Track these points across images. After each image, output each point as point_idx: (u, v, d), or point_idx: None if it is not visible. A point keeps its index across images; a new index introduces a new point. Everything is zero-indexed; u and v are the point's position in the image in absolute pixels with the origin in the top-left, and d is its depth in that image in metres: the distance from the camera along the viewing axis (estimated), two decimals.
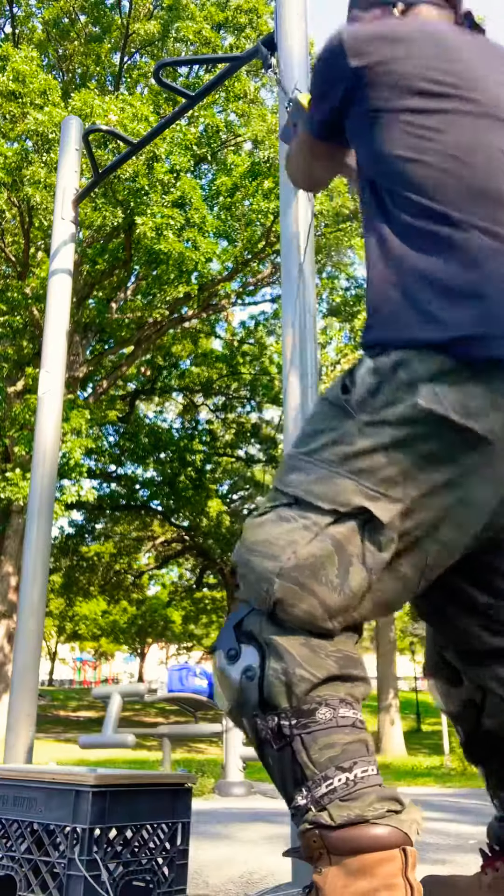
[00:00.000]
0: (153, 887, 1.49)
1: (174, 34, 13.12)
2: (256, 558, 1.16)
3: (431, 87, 1.25)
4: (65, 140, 2.97)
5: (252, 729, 1.13)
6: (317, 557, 1.12)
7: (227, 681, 1.16)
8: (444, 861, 2.38)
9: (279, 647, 1.12)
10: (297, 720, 1.09)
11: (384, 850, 1.05)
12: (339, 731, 1.09)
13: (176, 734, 5.79)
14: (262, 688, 1.11)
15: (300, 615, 1.13)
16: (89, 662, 44.70)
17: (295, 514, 1.16)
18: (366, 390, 1.15)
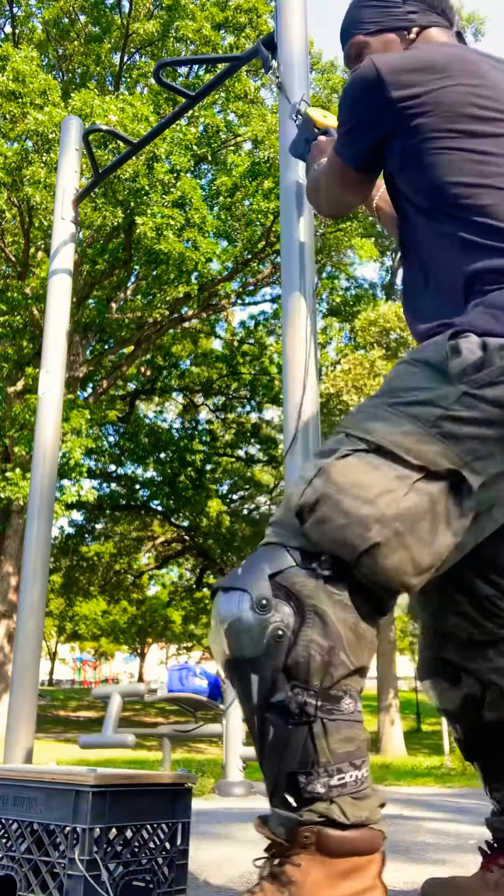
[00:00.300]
0: (153, 887, 1.49)
1: (174, 33, 13.11)
2: (350, 500, 1.10)
3: (480, 112, 1.30)
4: (65, 140, 2.97)
5: (263, 688, 1.06)
6: (414, 511, 1.11)
7: (246, 631, 1.08)
8: (444, 861, 2.38)
9: (331, 624, 1.07)
10: (322, 703, 1.05)
11: (373, 854, 1.06)
12: (357, 727, 1.08)
13: (176, 734, 5.79)
14: (291, 654, 1.05)
15: (390, 567, 1.10)
16: (89, 662, 44.69)
17: (383, 462, 1.13)
18: (471, 363, 1.16)
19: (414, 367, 1.22)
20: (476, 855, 1.56)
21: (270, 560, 1.12)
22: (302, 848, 1.04)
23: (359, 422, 1.20)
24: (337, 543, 1.09)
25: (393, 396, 1.20)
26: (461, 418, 1.14)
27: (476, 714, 1.48)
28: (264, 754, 1.08)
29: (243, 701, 1.10)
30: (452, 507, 1.13)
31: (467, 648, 1.48)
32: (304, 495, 1.12)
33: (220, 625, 1.12)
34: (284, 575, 1.10)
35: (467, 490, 1.14)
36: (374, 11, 1.53)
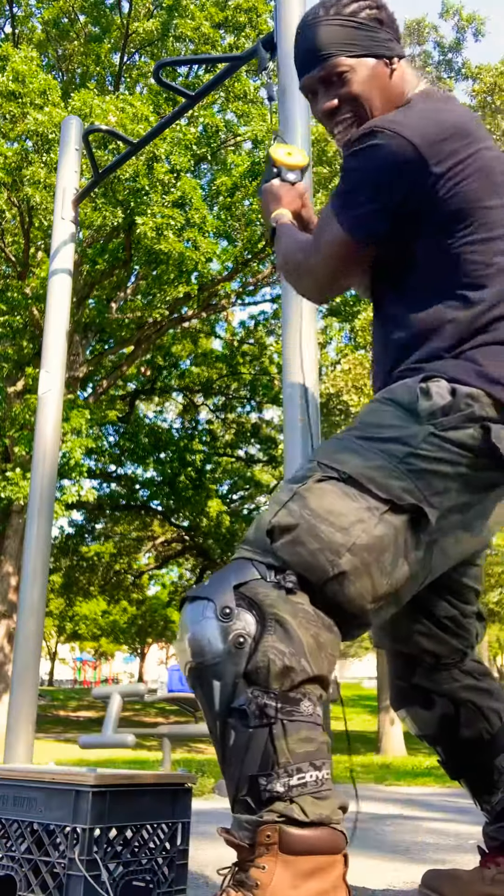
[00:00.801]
0: (153, 887, 1.49)
1: (174, 32, 13.10)
2: (325, 526, 1.14)
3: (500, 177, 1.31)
4: (65, 140, 2.97)
5: (225, 693, 1.09)
6: (381, 542, 1.16)
7: (209, 638, 1.11)
8: (444, 861, 2.38)
9: (291, 631, 1.10)
10: (282, 705, 1.07)
11: (335, 854, 1.08)
12: (316, 729, 1.11)
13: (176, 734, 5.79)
14: (252, 660, 1.08)
15: (352, 593, 1.14)
16: (89, 662, 44.68)
17: (355, 492, 1.17)
18: (440, 407, 1.23)
19: (386, 405, 1.28)
20: (476, 854, 1.59)
21: (236, 572, 1.16)
22: (265, 849, 1.06)
23: (331, 453, 1.24)
24: (307, 566, 1.13)
25: (365, 431, 1.25)
26: (426, 457, 1.20)
27: (453, 733, 1.55)
28: (226, 760, 1.10)
29: (206, 708, 1.13)
30: (411, 539, 1.19)
31: (436, 672, 1.55)
32: (278, 516, 1.16)
33: (184, 632, 1.16)
34: (248, 586, 1.13)
35: (425, 524, 1.20)
36: (353, 32, 1.38)
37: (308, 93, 1.46)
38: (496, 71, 13.33)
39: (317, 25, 1.39)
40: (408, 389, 1.27)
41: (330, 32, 1.37)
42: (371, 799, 5.16)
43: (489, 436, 1.23)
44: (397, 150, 1.25)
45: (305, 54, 1.41)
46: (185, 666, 1.15)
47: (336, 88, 1.39)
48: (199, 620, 1.13)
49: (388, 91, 1.39)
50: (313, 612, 1.13)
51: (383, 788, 6.45)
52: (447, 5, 14.64)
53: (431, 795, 5.71)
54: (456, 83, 14.64)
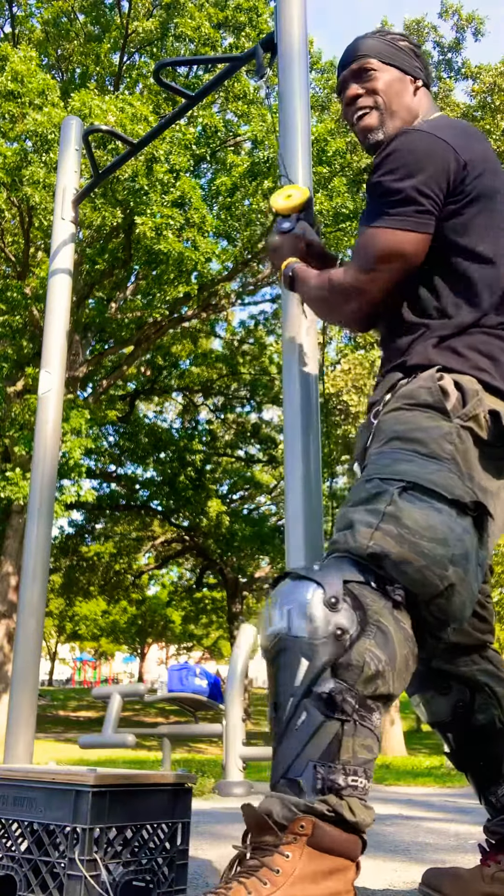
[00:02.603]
0: (153, 887, 1.49)
1: (173, 31, 13.09)
2: (427, 542, 1.15)
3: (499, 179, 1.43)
4: (64, 140, 2.97)
5: (310, 675, 1.10)
6: (469, 547, 1.19)
7: (313, 618, 1.12)
8: (444, 861, 2.38)
9: (391, 643, 1.12)
10: (359, 707, 1.09)
11: (353, 861, 1.10)
12: (376, 742, 1.13)
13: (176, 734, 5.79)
14: (346, 655, 1.09)
15: (458, 604, 1.17)
16: (89, 662, 44.68)
17: (431, 501, 1.19)
18: (457, 400, 1.28)
19: (412, 410, 1.30)
20: (476, 854, 1.59)
21: (346, 569, 1.17)
22: (294, 838, 1.06)
23: (385, 466, 1.25)
24: (416, 584, 1.15)
25: (405, 442, 1.27)
26: (462, 451, 1.25)
27: (466, 720, 1.56)
28: (286, 736, 1.11)
29: (280, 682, 1.13)
30: (478, 539, 1.23)
31: (454, 654, 1.56)
32: (375, 539, 1.16)
33: (283, 605, 1.16)
34: (357, 586, 1.15)
35: (486, 522, 1.23)
36: (391, 50, 1.58)
37: (340, 89, 1.62)
38: (496, 71, 13.33)
39: (362, 39, 1.61)
40: (428, 391, 1.30)
41: (371, 43, 1.59)
42: (371, 799, 5.16)
43: (500, 421, 1.27)
44: (432, 143, 1.37)
45: (347, 54, 1.61)
46: (275, 636, 1.15)
47: (363, 81, 1.57)
48: (306, 599, 1.14)
49: (406, 102, 1.56)
50: (411, 633, 1.15)
51: (383, 788, 6.45)
52: (446, 5, 14.64)
53: (431, 795, 5.71)
54: (455, 83, 14.63)
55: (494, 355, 1.35)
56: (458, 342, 1.35)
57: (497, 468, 1.30)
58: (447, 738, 1.60)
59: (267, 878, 1.04)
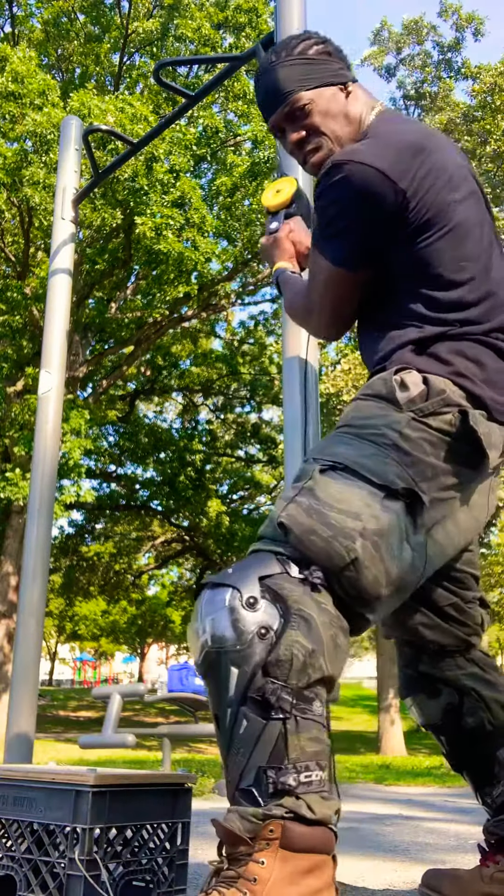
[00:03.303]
0: (153, 887, 1.49)
1: (173, 32, 13.09)
2: (335, 514, 1.16)
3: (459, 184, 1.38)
4: (64, 140, 2.97)
5: (242, 681, 1.09)
6: (388, 525, 1.19)
7: (233, 625, 1.11)
8: (444, 861, 2.39)
9: (315, 629, 1.11)
10: (297, 701, 1.08)
11: (328, 854, 1.10)
12: (323, 730, 1.12)
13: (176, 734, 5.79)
14: (273, 652, 1.09)
15: (369, 578, 1.16)
16: (89, 662, 44.68)
17: (355, 480, 1.20)
18: (417, 394, 1.29)
19: (367, 400, 1.33)
20: (476, 854, 1.59)
21: (260, 564, 1.16)
22: (266, 843, 1.06)
23: (323, 449, 1.28)
24: (322, 554, 1.15)
25: (352, 427, 1.29)
26: (411, 440, 1.25)
27: (457, 722, 1.57)
28: (232, 747, 1.10)
29: (217, 694, 1.13)
30: (410, 524, 1.22)
31: (440, 659, 1.58)
32: (287, 510, 1.18)
33: (205, 617, 1.16)
34: (273, 579, 1.14)
35: (420, 508, 1.23)
36: (306, 68, 1.49)
37: (276, 131, 1.56)
38: (496, 71, 13.32)
39: (273, 70, 1.51)
40: (384, 382, 1.32)
41: (286, 72, 1.49)
42: (371, 799, 5.16)
43: (467, 419, 1.28)
44: (365, 177, 1.31)
45: (268, 96, 1.52)
46: (202, 650, 1.15)
47: (301, 120, 1.50)
48: (223, 607, 1.13)
49: (347, 114, 1.50)
50: (335, 612, 1.15)
51: (383, 788, 6.45)
52: (446, 4, 14.63)
53: (431, 795, 5.71)
54: (455, 83, 14.64)
55: (481, 360, 1.35)
56: (442, 347, 1.35)
57: (467, 464, 1.30)
58: (441, 740, 1.62)
59: (246, 888, 1.04)
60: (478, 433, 1.27)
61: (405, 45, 15.03)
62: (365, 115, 1.50)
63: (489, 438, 1.30)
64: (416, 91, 14.79)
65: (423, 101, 14.62)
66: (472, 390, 1.32)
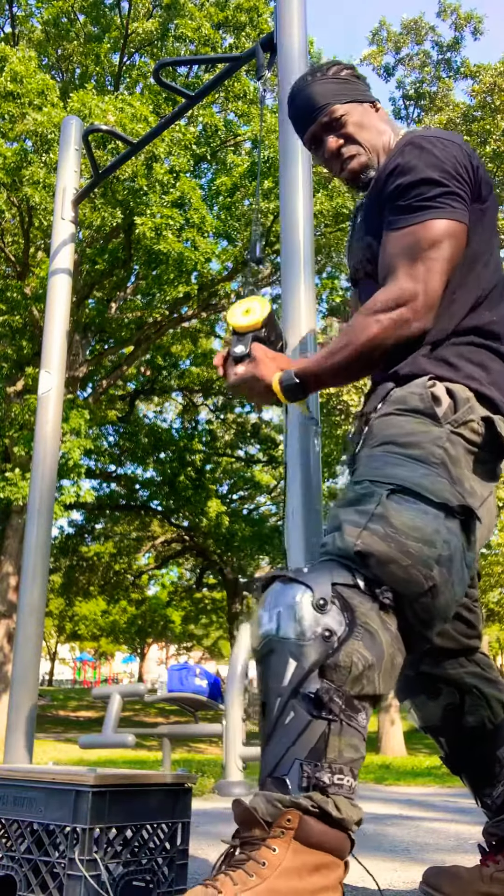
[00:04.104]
0: (153, 887, 1.49)
1: (173, 32, 13.08)
2: (413, 542, 1.17)
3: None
4: (64, 140, 2.97)
5: (297, 675, 1.11)
6: (455, 548, 1.22)
7: (301, 619, 1.13)
8: (444, 861, 2.38)
9: (379, 644, 1.14)
10: (346, 707, 1.11)
11: (340, 858, 1.12)
12: (362, 742, 1.15)
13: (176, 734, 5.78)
14: (333, 656, 1.11)
15: (441, 604, 1.20)
16: (89, 662, 44.67)
17: (419, 503, 1.21)
18: (447, 406, 1.31)
19: (403, 416, 1.32)
20: (476, 854, 1.59)
21: (335, 572, 1.18)
22: (281, 832, 1.07)
23: (376, 469, 1.27)
24: (402, 583, 1.17)
25: (397, 446, 1.28)
26: (452, 456, 1.27)
27: (457, 722, 1.57)
28: (275, 735, 1.12)
29: (269, 682, 1.15)
30: (465, 543, 1.25)
31: (442, 659, 1.59)
32: (363, 538, 1.18)
33: (273, 607, 1.17)
34: (345, 589, 1.16)
35: (474, 525, 1.26)
36: (339, 86, 1.58)
37: (311, 143, 1.62)
38: (495, 70, 13.32)
39: (308, 87, 1.59)
40: (420, 397, 1.32)
41: (322, 88, 1.58)
42: (371, 799, 5.16)
43: (494, 426, 1.30)
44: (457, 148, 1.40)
45: (305, 109, 1.59)
46: (264, 638, 1.17)
47: (337, 130, 1.57)
48: (293, 602, 1.15)
49: (379, 128, 1.59)
50: (397, 634, 1.17)
51: (383, 788, 6.45)
52: (445, 4, 14.63)
53: (431, 795, 5.71)
54: (455, 83, 14.63)
55: (484, 363, 1.38)
56: (448, 352, 1.37)
57: (488, 473, 1.33)
58: (440, 741, 1.62)
59: (253, 871, 1.06)
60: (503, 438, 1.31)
61: (404, 45, 15.01)
62: (393, 132, 1.59)
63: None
64: (416, 91, 14.78)
65: (422, 101, 14.61)
66: (483, 392, 1.34)
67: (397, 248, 1.35)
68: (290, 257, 1.88)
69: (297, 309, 1.82)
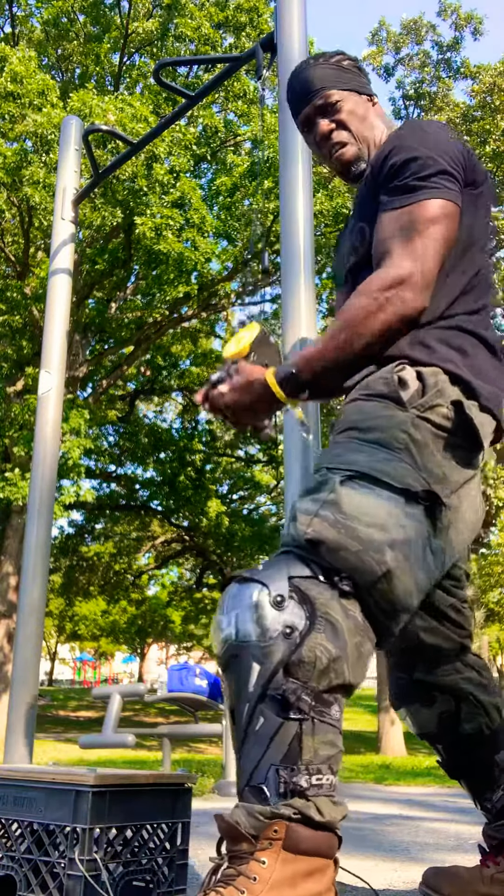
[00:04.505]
0: (153, 887, 1.49)
1: (173, 32, 13.08)
2: (363, 527, 1.14)
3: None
4: (64, 140, 2.97)
5: (262, 678, 1.08)
6: (413, 533, 1.18)
7: (259, 621, 1.10)
8: (444, 861, 2.38)
9: (341, 634, 1.10)
10: (316, 703, 1.08)
11: (330, 859, 1.10)
12: (338, 735, 1.12)
13: (176, 734, 5.79)
14: (296, 652, 1.08)
15: (401, 590, 1.16)
16: (89, 662, 44.67)
17: (375, 488, 1.18)
18: (414, 391, 1.27)
19: (369, 400, 1.29)
20: (476, 854, 1.59)
21: (290, 565, 1.15)
22: (269, 843, 1.05)
23: (335, 457, 1.25)
24: (354, 569, 1.13)
25: (359, 432, 1.26)
26: (418, 441, 1.23)
27: (454, 729, 1.56)
28: (247, 743, 1.10)
29: (234, 689, 1.12)
30: (430, 528, 1.21)
31: (437, 665, 1.56)
32: (313, 525, 1.15)
33: (230, 610, 1.14)
34: (302, 581, 1.13)
35: (439, 511, 1.22)
36: (340, 73, 1.58)
37: (304, 125, 1.62)
38: (495, 70, 13.32)
39: (309, 69, 1.59)
40: (385, 381, 1.29)
41: (322, 72, 1.58)
42: (371, 799, 5.16)
43: (463, 410, 1.27)
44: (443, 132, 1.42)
45: (302, 90, 1.59)
46: (224, 643, 1.14)
47: (330, 114, 1.57)
48: (251, 603, 1.12)
49: (370, 121, 1.58)
50: (362, 620, 1.14)
51: (383, 788, 6.45)
52: (445, 4, 14.62)
53: (431, 795, 5.71)
54: (455, 83, 14.62)
55: (464, 348, 1.35)
56: (430, 335, 1.34)
57: (463, 459, 1.29)
58: (437, 748, 1.60)
59: (244, 887, 1.03)
60: (474, 423, 1.26)
61: (404, 45, 15.01)
62: (387, 128, 1.59)
63: (483, 429, 1.29)
64: (416, 91, 14.78)
65: (422, 101, 14.60)
66: (457, 374, 1.31)
67: (393, 228, 1.34)
68: (290, 257, 1.88)
69: (297, 309, 1.82)
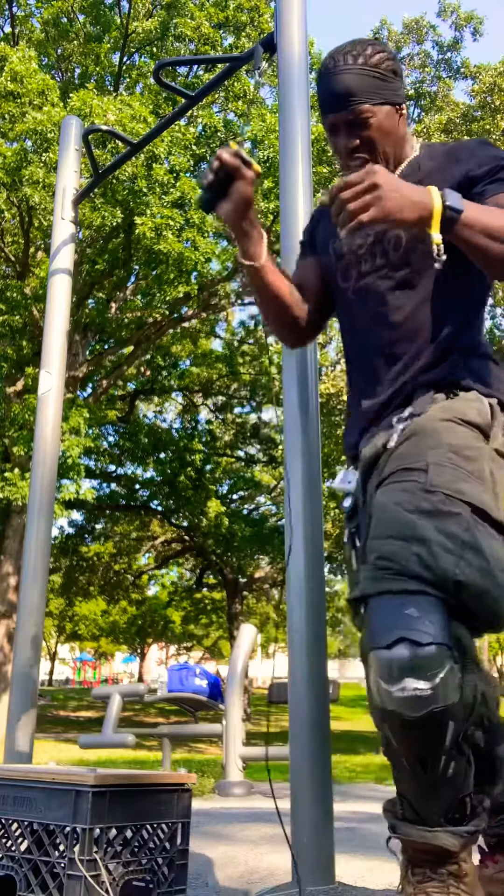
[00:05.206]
0: (153, 887, 1.49)
1: (173, 32, 13.08)
2: (500, 572, 1.20)
3: None
4: (64, 140, 2.98)
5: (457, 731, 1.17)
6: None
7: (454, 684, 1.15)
8: None
9: (482, 671, 1.22)
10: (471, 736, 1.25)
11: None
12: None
13: (176, 734, 5.79)
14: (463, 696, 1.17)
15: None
16: (89, 662, 44.68)
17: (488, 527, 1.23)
18: (497, 424, 1.34)
19: (462, 426, 1.33)
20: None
21: (441, 611, 1.18)
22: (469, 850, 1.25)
23: (450, 482, 1.26)
24: (489, 613, 1.20)
25: (461, 459, 1.29)
26: (495, 476, 1.29)
27: None
28: (441, 785, 1.20)
29: (431, 744, 1.17)
30: None
31: None
32: (461, 567, 1.18)
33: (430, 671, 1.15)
34: (454, 628, 1.19)
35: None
36: (377, 83, 1.54)
37: (332, 129, 1.60)
38: (495, 70, 13.32)
39: (347, 72, 1.54)
40: (477, 411, 1.35)
41: (358, 80, 1.53)
42: (371, 799, 5.16)
43: None
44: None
45: (336, 95, 1.55)
46: (426, 707, 1.15)
47: (359, 130, 1.55)
48: (443, 667, 1.15)
49: (396, 133, 1.59)
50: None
51: (383, 788, 6.44)
52: (445, 4, 14.62)
53: None
54: (455, 83, 14.63)
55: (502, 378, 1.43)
56: (483, 365, 1.41)
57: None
58: None
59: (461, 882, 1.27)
60: None
61: (405, 45, 15.01)
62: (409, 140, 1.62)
63: None
64: (416, 91, 14.78)
65: (422, 100, 14.61)
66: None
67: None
68: (290, 257, 1.88)
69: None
